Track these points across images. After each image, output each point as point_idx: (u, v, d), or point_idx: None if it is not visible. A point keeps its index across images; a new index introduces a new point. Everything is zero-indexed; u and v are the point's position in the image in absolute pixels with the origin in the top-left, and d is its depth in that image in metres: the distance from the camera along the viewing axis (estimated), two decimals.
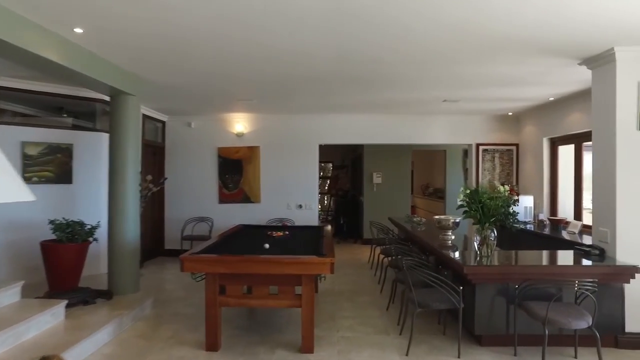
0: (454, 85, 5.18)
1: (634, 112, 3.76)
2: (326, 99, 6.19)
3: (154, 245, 7.51)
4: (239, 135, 7.60)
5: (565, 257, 3.98)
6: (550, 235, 5.34)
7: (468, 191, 3.68)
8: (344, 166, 13.61)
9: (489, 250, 3.68)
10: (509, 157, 7.57)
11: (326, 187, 15.25)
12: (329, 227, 5.65)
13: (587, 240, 5.17)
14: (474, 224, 3.72)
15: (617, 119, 3.76)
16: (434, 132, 7.59)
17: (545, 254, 4.18)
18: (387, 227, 6.88)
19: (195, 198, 7.63)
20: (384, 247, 6.06)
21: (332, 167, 15.16)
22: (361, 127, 7.57)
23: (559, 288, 3.45)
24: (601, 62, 3.93)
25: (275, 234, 4.70)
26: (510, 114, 7.30)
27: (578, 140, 6.04)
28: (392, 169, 9.35)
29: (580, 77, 4.71)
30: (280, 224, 6.40)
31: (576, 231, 5.52)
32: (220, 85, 5.25)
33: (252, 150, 7.58)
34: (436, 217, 5.01)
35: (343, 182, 12.22)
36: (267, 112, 7.37)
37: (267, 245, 3.92)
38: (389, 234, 6.54)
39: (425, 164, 13.48)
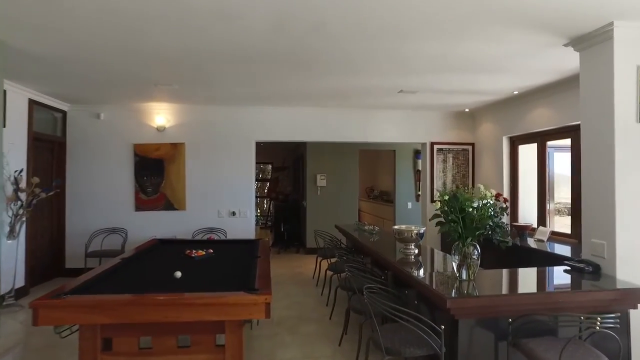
0: (411, 69, 4.37)
1: (634, 102, 3.13)
2: (260, 87, 5.18)
3: (51, 263, 6.08)
4: (160, 130, 6.37)
5: (560, 278, 3.27)
6: (529, 247, 4.70)
7: (446, 197, 2.85)
8: (285, 167, 12.62)
9: (472, 273, 2.87)
10: (465, 158, 6.98)
11: (265, 190, 14.18)
12: (266, 240, 4.65)
13: (559, 250, 4.61)
14: (450, 239, 2.91)
15: (615, 110, 3.11)
16: (385, 129, 6.82)
17: (534, 274, 3.44)
18: (335, 237, 6.01)
19: (105, 205, 6.29)
20: (332, 262, 5.15)
21: (272, 168, 14.12)
22: (303, 122, 6.63)
23: (556, 317, 2.71)
24: (595, 40, 3.27)
25: (195, 253, 3.61)
26: (467, 110, 6.71)
27: (542, 138, 5.51)
28: (338, 171, 8.51)
29: (557, 65, 4.10)
30: (207, 238, 5.29)
31: (545, 239, 4.95)
32: (120, 62, 4.08)
33: (176, 148, 6.39)
34: (396, 227, 4.16)
35: (283, 185, 11.24)
36: (194, 102, 6.21)
37: (178, 274, 2.85)
38: (337, 245, 5.66)
39: (369, 165, 12.83)
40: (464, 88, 5.18)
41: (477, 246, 2.90)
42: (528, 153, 5.95)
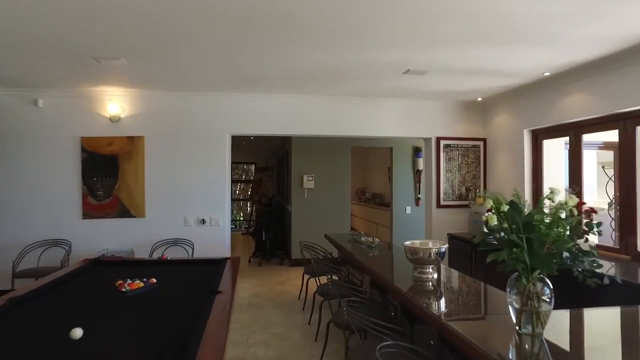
0: (427, 36, 3.34)
1: None
2: (233, 66, 4.12)
3: None
4: (114, 120, 5.25)
5: None
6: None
7: (501, 205, 1.83)
8: (269, 168, 11.55)
9: (541, 324, 1.86)
10: (475, 155, 6.00)
11: (249, 193, 13.08)
12: (237, 259, 3.57)
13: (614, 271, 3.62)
14: (507, 270, 1.90)
15: None
16: (383, 122, 5.80)
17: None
18: (325, 250, 4.99)
19: (44, 212, 5.14)
20: (322, 284, 4.10)
21: (255, 168, 13.02)
22: (287, 113, 5.58)
23: None
24: None
25: (128, 285, 2.52)
26: (479, 99, 5.72)
27: (576, 131, 4.54)
28: (328, 171, 7.47)
29: (617, 29, 3.12)
30: (160, 257, 4.19)
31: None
32: (44, 22, 2.98)
33: (134, 143, 5.28)
34: (408, 244, 3.13)
35: (267, 187, 10.15)
36: (155, 86, 5.12)
37: (77, 333, 1.76)
38: (327, 257, 4.65)
39: (360, 165, 11.81)
40: (483, 67, 4.19)
41: (548, 282, 1.88)
42: (555, 149, 5.00)
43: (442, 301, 2.64)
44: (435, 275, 3.02)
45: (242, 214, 14.20)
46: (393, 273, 3.63)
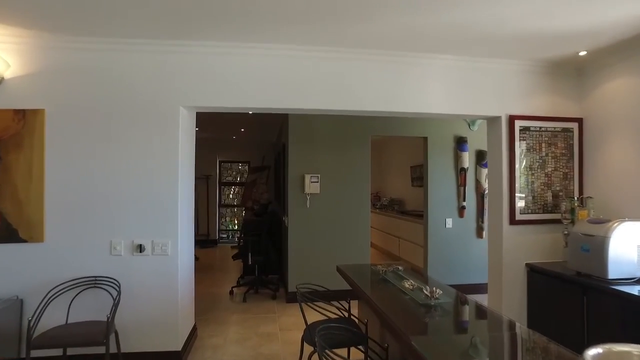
0: None
1: None
2: None
3: None
4: None
5: None
6: None
7: None
8: (264, 167, 9.50)
9: None
10: (567, 144, 3.92)
11: (241, 199, 11.02)
12: None
13: None
14: None
15: None
16: (425, 91, 3.73)
17: None
18: (335, 296, 2.95)
19: None
20: None
21: (249, 168, 10.97)
22: (278, 74, 3.52)
23: None
24: None
25: None
26: (582, 53, 3.60)
27: None
28: (339, 170, 5.41)
29: None
30: None
31: None
32: None
33: (26, 121, 3.24)
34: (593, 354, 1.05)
35: (259, 191, 8.10)
36: (62, 27, 3.08)
37: None
38: (343, 326, 2.61)
39: (375, 162, 9.74)
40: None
41: None
42: None
43: None
44: None
45: (236, 222, 12.12)
46: None
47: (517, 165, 3.82)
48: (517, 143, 3.82)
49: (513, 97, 3.86)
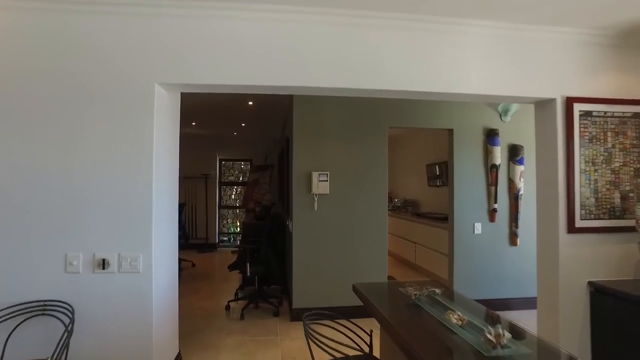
0: None
1: None
2: None
3: None
4: None
5: None
6: None
7: None
8: (267, 166, 8.79)
9: None
10: (638, 133, 3.15)
11: (242, 200, 10.30)
12: None
13: None
14: None
15: None
16: (461, 66, 2.98)
17: None
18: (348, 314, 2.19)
19: None
20: None
21: (251, 167, 10.26)
22: (283, 47, 2.79)
23: None
24: None
25: None
26: None
27: None
28: (352, 167, 4.68)
29: None
30: None
31: None
32: None
33: None
34: None
35: (260, 192, 7.39)
36: None
37: None
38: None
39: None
40: None
41: None
42: None
43: None
44: None
45: (238, 225, 11.39)
46: None
47: (576, 160, 3.06)
48: (576, 131, 3.07)
49: (571, 75, 3.10)
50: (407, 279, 6.54)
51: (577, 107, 3.07)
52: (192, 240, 9.48)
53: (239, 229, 11.12)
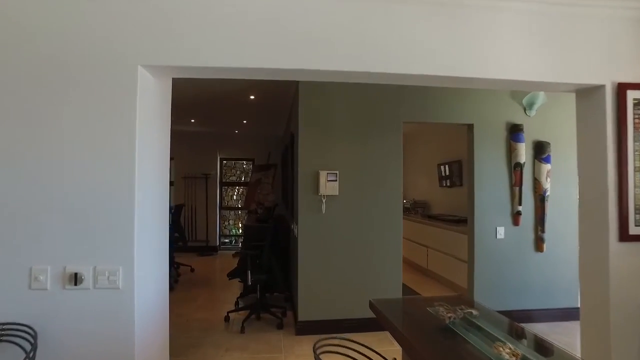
0: None
1: None
2: None
3: None
4: None
5: None
6: None
7: None
8: (270, 166, 8.38)
9: None
10: None
11: (244, 201, 9.90)
12: None
13: None
14: None
15: None
16: (496, 48, 2.56)
17: None
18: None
19: None
20: None
21: (253, 167, 9.84)
22: (287, 24, 2.37)
23: None
24: None
25: None
26: None
27: None
28: (364, 166, 4.27)
29: None
30: None
31: None
32: None
33: None
34: None
35: (263, 193, 6.98)
36: None
37: None
38: None
39: None
40: None
41: None
42: None
43: None
44: None
45: (240, 226, 10.98)
46: None
47: (629, 156, 2.63)
48: (629, 123, 2.64)
49: (623, 58, 2.68)
50: (420, 285, 6.12)
51: (631, 95, 2.64)
52: (191, 242, 9.07)
53: (240, 231, 10.71)
